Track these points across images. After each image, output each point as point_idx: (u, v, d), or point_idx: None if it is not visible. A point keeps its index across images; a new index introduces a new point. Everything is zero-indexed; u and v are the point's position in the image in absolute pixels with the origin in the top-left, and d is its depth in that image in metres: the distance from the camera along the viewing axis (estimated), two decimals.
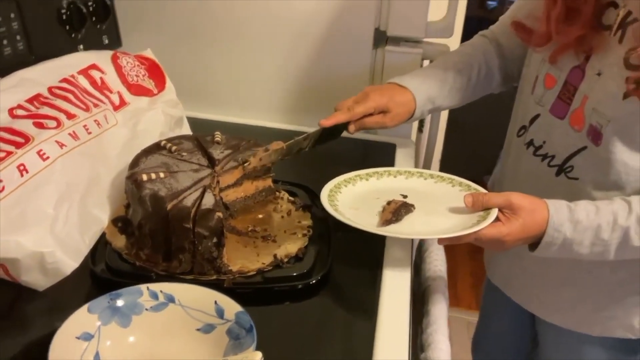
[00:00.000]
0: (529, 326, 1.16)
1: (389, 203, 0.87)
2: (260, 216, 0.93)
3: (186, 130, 1.14)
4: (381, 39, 1.20)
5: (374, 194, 0.91)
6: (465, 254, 2.44)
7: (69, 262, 0.74)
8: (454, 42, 1.23)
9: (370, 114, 0.99)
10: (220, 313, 0.65)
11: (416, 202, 0.87)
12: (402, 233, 0.83)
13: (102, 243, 0.83)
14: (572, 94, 0.88)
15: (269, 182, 0.96)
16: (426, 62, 1.22)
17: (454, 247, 1.04)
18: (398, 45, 1.19)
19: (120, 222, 0.87)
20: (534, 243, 0.83)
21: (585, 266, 0.92)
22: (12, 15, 0.92)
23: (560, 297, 1.00)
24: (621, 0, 0.82)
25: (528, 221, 0.80)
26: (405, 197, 0.90)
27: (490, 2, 3.44)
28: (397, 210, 0.84)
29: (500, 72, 1.08)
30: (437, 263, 1.03)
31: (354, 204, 0.88)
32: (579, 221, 0.80)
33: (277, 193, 0.98)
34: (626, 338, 0.96)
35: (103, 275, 0.76)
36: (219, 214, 0.75)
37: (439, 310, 0.91)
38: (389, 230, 0.81)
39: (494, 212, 0.80)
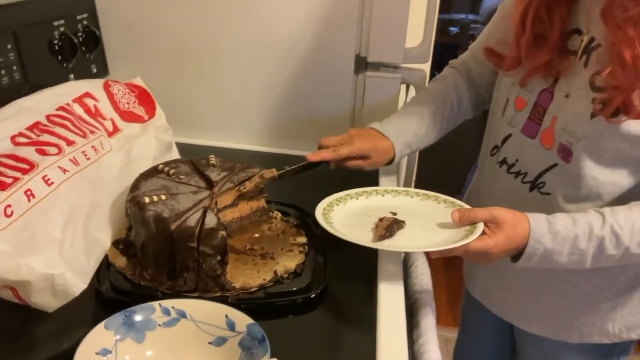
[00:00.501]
0: (509, 336, 1.20)
1: (381, 220, 0.91)
2: (257, 235, 0.97)
3: (175, 154, 1.17)
4: (361, 64, 1.26)
5: (365, 212, 0.95)
6: (439, 271, 2.49)
7: (78, 283, 0.76)
8: (427, 66, 1.30)
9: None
10: (231, 326, 0.68)
11: (406, 219, 0.92)
12: (398, 247, 0.88)
13: (104, 265, 0.85)
14: (542, 114, 0.94)
15: (262, 202, 1.00)
16: (403, 87, 1.29)
17: (429, 264, 1.10)
18: (378, 71, 1.25)
19: (122, 244, 0.89)
20: (516, 255, 0.88)
21: (562, 276, 0.98)
22: (9, 46, 0.94)
23: (539, 307, 1.04)
24: (585, 27, 0.89)
25: (512, 234, 0.85)
26: (394, 214, 0.94)
27: (452, 29, 3.58)
28: (390, 226, 0.89)
29: (471, 102, 1.15)
30: (422, 277, 1.08)
31: (347, 221, 0.92)
32: (558, 232, 0.85)
33: (270, 213, 1.02)
34: (602, 343, 1.02)
35: (110, 295, 0.78)
36: (223, 233, 0.78)
37: (428, 321, 0.95)
38: (385, 245, 0.86)
39: (480, 226, 0.85)
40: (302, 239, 0.95)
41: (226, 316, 0.68)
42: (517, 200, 0.96)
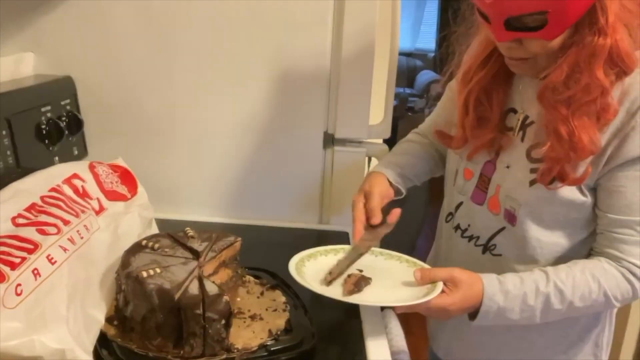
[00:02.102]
0: None
1: (349, 276, 0.99)
2: (239, 299, 1.03)
3: (155, 230, 1.21)
4: (329, 140, 1.36)
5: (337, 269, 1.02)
6: (404, 330, 2.54)
7: (87, 357, 0.79)
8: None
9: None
10: None
11: (371, 276, 1.00)
12: (366, 301, 0.96)
13: (102, 340, 0.88)
14: (487, 183, 1.05)
15: (237, 268, 1.06)
16: (366, 159, 1.40)
17: None
18: (344, 146, 1.36)
19: (116, 320, 0.92)
20: (473, 313, 0.96)
21: (517, 332, 1.06)
22: (4, 132, 0.99)
23: None
24: (519, 107, 1.02)
25: (468, 293, 0.93)
26: (361, 271, 1.02)
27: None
28: (358, 282, 0.97)
29: (439, 155, 1.25)
30: (398, 339, 1.12)
31: (318, 277, 1.00)
32: (509, 291, 0.94)
33: (244, 278, 1.08)
34: None
35: None
36: (226, 298, 0.84)
37: None
38: (354, 299, 0.94)
39: (440, 285, 0.94)
40: (282, 298, 1.03)
41: None
42: (472, 262, 1.04)
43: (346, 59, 1.29)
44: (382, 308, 1.09)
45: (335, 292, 0.95)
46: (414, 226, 3.47)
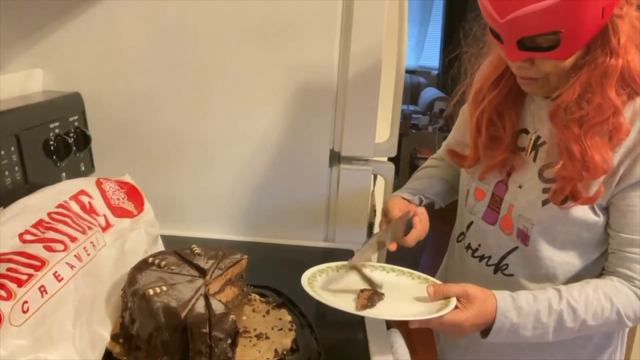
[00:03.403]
0: None
1: (362, 291, 0.98)
2: (244, 317, 1.02)
3: (160, 247, 1.20)
4: (335, 158, 1.36)
5: (346, 284, 1.02)
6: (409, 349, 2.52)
7: None
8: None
9: None
10: None
11: (384, 292, 0.99)
12: (381, 315, 0.95)
13: (108, 359, 0.87)
14: (499, 203, 1.05)
15: (243, 286, 1.05)
16: (372, 177, 1.40)
17: None
18: (350, 164, 1.36)
19: (121, 338, 0.91)
20: (485, 330, 0.95)
21: (529, 353, 1.05)
22: (12, 149, 0.99)
23: None
24: (531, 127, 1.03)
25: (482, 309, 0.93)
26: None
27: None
28: (371, 297, 0.96)
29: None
30: (404, 357, 1.13)
31: (330, 292, 0.99)
32: (522, 307, 0.93)
33: (249, 296, 1.07)
34: None
35: None
36: (233, 317, 0.83)
37: None
38: (369, 313, 0.93)
39: (454, 300, 0.93)
40: (287, 317, 1.02)
41: None
42: (483, 282, 1.02)
43: (353, 77, 1.29)
44: (389, 327, 1.08)
45: (348, 306, 0.94)
46: (418, 243, 3.46)
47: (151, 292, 0.88)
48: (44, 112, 1.12)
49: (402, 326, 1.10)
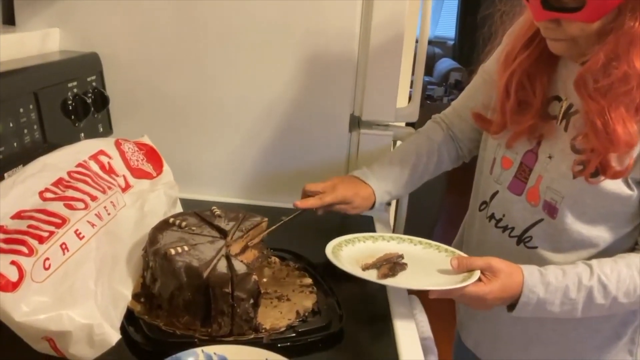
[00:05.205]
0: None
1: (386, 261, 0.98)
2: (265, 280, 1.01)
3: (179, 209, 1.20)
4: (355, 122, 1.34)
5: (371, 255, 1.02)
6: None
7: (115, 333, 0.78)
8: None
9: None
10: None
11: (408, 263, 0.99)
12: (400, 284, 0.96)
13: (129, 316, 0.87)
14: (528, 174, 1.02)
15: (263, 249, 1.05)
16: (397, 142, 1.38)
17: None
18: (371, 129, 1.33)
19: (143, 297, 0.91)
20: (511, 305, 0.93)
21: (549, 325, 1.03)
22: (31, 107, 0.98)
23: (528, 356, 1.09)
24: (563, 94, 0.99)
25: (506, 283, 0.91)
26: (401, 256, 1.00)
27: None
28: (393, 267, 0.97)
29: (450, 155, 1.22)
30: (423, 324, 1.12)
31: (354, 261, 1.00)
32: (550, 283, 0.91)
33: (269, 259, 1.07)
34: None
35: (149, 345, 0.80)
36: (255, 277, 0.82)
37: (428, 345, 1.00)
38: (389, 282, 0.95)
39: (477, 273, 0.91)
40: (308, 281, 1.01)
41: None
42: (505, 253, 1.01)
43: (375, 40, 1.26)
44: (410, 292, 1.07)
45: (370, 274, 0.95)
46: (431, 215, 3.45)
47: (173, 251, 0.87)
48: (62, 71, 1.11)
49: (422, 298, 1.10)
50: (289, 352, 0.77)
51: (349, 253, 1.02)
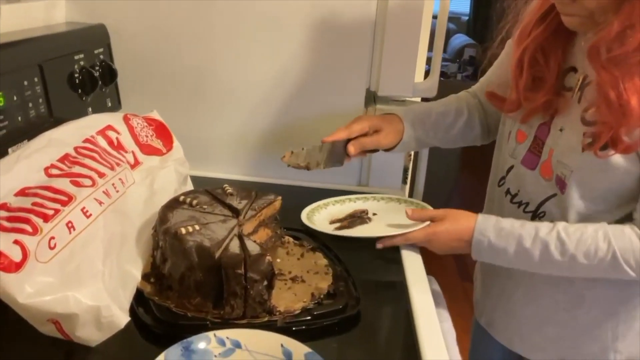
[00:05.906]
0: None
1: (348, 216, 1.12)
2: (279, 260, 0.98)
3: (190, 186, 1.17)
4: (370, 97, 1.29)
5: (339, 213, 1.15)
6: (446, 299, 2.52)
7: (123, 315, 0.75)
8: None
9: (365, 134, 1.11)
10: (288, 355, 0.68)
11: (375, 218, 1.12)
12: (351, 233, 1.06)
13: (139, 297, 0.84)
14: (541, 147, 0.99)
15: (276, 228, 1.02)
16: None
17: None
18: (387, 104, 1.29)
19: (153, 278, 0.88)
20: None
21: (562, 305, 1.01)
22: (36, 79, 0.94)
23: (542, 336, 1.06)
24: (580, 66, 0.95)
25: (454, 226, 0.98)
26: (365, 212, 1.14)
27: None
28: (353, 221, 1.10)
29: (481, 124, 1.19)
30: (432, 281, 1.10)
31: (325, 222, 1.12)
32: (503, 228, 0.94)
33: (282, 238, 1.04)
34: None
35: (160, 327, 0.78)
36: (269, 258, 0.79)
37: (447, 327, 0.97)
38: (343, 232, 1.06)
39: (428, 222, 1.01)
40: (323, 261, 0.98)
41: (282, 345, 0.68)
42: None
43: (392, 12, 1.21)
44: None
45: (328, 228, 1.07)
46: (445, 193, 3.43)
47: (183, 230, 0.84)
48: (68, 42, 1.07)
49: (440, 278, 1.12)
50: (304, 336, 0.74)
51: (323, 216, 1.13)
